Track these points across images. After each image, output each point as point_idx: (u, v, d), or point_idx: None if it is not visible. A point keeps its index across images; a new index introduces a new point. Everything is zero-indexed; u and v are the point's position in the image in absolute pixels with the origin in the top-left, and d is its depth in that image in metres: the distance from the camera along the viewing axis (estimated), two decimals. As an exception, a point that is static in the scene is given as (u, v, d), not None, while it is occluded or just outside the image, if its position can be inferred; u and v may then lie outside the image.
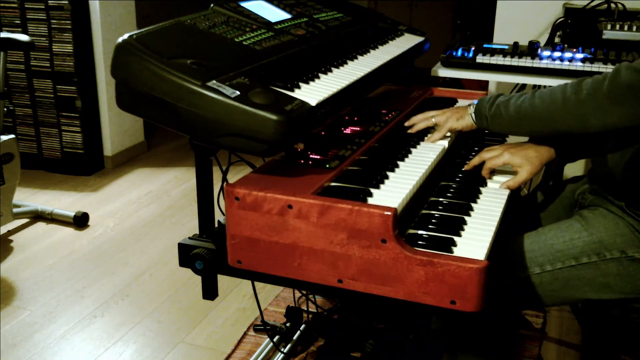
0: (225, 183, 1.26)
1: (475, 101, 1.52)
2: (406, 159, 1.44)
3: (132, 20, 3.91)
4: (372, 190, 1.26)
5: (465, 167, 1.51)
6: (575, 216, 1.48)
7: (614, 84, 1.26)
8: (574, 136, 1.41)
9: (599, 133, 1.33)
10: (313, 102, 1.30)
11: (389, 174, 1.34)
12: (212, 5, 1.59)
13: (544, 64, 2.22)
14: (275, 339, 2.10)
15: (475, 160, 1.49)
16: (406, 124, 1.61)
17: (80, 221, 3.11)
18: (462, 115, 1.52)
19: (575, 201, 1.61)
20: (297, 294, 2.31)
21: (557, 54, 2.24)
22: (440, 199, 1.36)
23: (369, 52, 1.77)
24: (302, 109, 1.25)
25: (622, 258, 1.37)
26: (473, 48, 2.33)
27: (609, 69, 2.12)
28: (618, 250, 1.38)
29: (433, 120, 1.57)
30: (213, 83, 1.21)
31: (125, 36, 1.27)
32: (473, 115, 1.50)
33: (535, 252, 1.41)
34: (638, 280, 1.37)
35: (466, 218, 1.28)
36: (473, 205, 1.34)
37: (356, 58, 1.68)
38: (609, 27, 2.36)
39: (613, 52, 2.23)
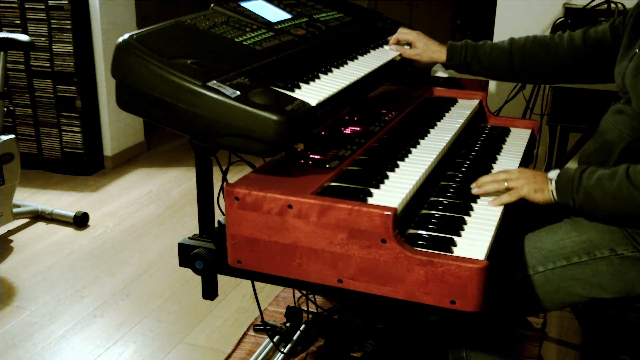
0: (225, 183, 1.26)
1: (553, 174, 1.38)
2: (406, 159, 1.44)
3: (132, 20, 3.91)
4: (372, 190, 1.26)
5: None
6: (565, 219, 1.48)
7: None
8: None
9: None
10: (313, 102, 1.30)
11: (389, 174, 1.35)
12: (212, 5, 1.59)
13: (544, 64, 2.21)
14: (275, 339, 2.10)
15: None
16: (473, 185, 1.41)
17: (80, 221, 3.11)
18: (541, 189, 1.38)
19: None
20: (297, 294, 2.31)
21: (557, 54, 2.23)
22: (440, 199, 1.36)
23: (369, 52, 1.77)
24: (302, 109, 1.25)
25: (612, 256, 1.37)
26: (473, 48, 2.32)
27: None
28: (607, 248, 1.37)
29: (505, 184, 1.39)
30: (213, 83, 1.21)
31: (125, 36, 1.26)
32: (554, 193, 1.37)
33: (526, 254, 1.41)
34: (629, 279, 1.37)
35: (466, 218, 1.28)
36: (473, 205, 1.34)
37: (356, 58, 1.68)
38: (609, 27, 2.35)
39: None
